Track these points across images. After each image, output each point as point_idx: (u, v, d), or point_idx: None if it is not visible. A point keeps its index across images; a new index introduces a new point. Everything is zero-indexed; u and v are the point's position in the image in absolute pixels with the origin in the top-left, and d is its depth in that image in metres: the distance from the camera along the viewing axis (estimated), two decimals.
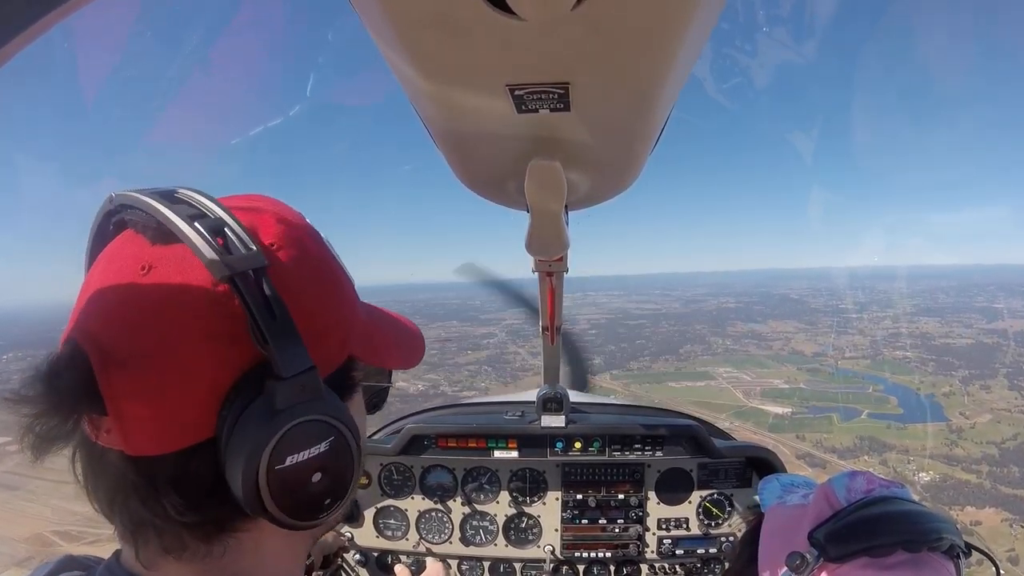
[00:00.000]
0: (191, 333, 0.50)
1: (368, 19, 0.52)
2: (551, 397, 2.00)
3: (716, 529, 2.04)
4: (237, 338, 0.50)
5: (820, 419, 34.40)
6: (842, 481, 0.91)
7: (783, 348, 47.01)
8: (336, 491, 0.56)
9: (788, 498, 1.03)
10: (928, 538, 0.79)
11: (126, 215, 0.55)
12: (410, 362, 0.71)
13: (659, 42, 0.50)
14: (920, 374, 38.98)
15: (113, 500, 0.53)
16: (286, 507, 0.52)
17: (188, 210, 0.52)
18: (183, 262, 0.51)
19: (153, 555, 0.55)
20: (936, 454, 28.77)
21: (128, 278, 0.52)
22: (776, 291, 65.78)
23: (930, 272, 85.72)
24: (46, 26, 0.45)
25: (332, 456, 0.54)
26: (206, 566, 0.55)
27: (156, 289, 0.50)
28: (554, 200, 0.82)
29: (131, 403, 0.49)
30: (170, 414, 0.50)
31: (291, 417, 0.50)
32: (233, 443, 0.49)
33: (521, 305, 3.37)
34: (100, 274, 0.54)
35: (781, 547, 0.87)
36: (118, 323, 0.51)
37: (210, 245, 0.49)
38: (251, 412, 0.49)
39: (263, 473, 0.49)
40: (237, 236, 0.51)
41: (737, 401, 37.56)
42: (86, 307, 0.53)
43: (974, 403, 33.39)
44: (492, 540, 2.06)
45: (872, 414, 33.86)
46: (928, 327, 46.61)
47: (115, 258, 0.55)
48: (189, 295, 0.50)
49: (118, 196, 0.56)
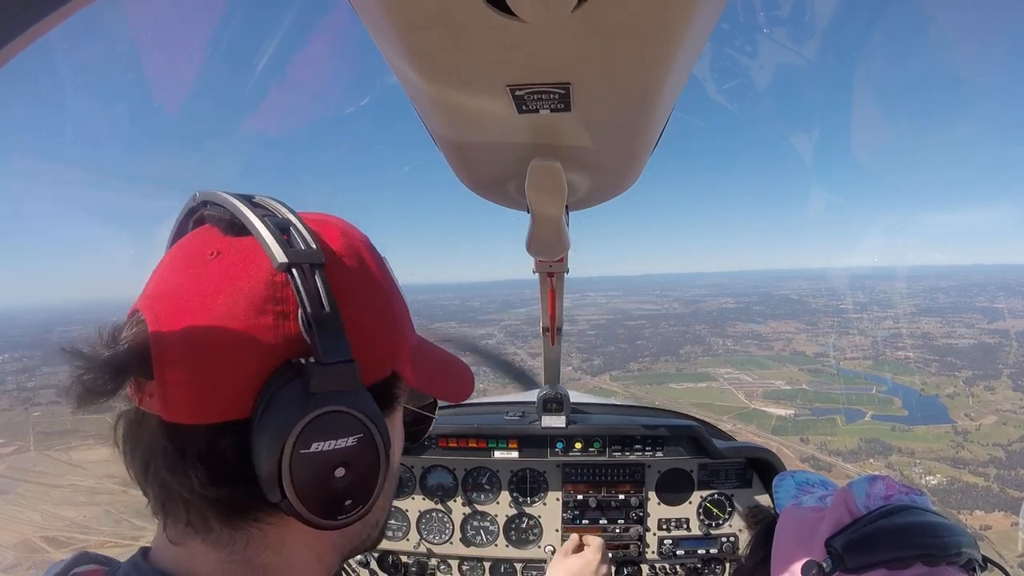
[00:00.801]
0: (244, 314, 0.52)
1: (368, 20, 0.52)
2: (552, 397, 2.00)
3: (717, 529, 2.04)
4: (286, 327, 0.53)
5: (824, 421, 34.05)
6: (862, 487, 0.89)
7: (784, 349, 46.75)
8: (358, 494, 0.56)
9: (804, 499, 1.02)
10: (948, 552, 0.78)
11: (205, 211, 0.61)
12: (455, 396, 0.72)
13: (659, 42, 0.50)
14: (923, 375, 38.67)
15: (147, 466, 0.55)
16: (305, 496, 0.52)
17: (261, 210, 0.57)
18: (249, 252, 0.55)
19: (181, 532, 0.56)
20: (942, 456, 28.21)
21: (196, 260, 0.56)
22: (776, 292, 65.63)
23: (930, 272, 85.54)
24: (47, 27, 0.46)
25: (358, 454, 0.54)
26: (230, 554, 0.56)
27: (219, 271, 0.54)
28: (555, 201, 0.82)
29: (176, 370, 0.51)
30: (211, 386, 0.52)
31: (323, 402, 0.51)
32: (264, 421, 0.51)
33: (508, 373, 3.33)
34: (171, 257, 0.59)
35: (797, 551, 0.86)
36: (178, 296, 0.54)
37: (275, 238, 0.53)
38: (286, 392, 0.51)
39: (287, 453, 0.50)
40: (301, 235, 0.55)
41: (739, 403, 37.19)
42: (153, 282, 0.58)
43: (979, 404, 33.02)
44: (493, 540, 2.06)
45: (876, 415, 33.48)
46: (929, 327, 46.41)
47: (187, 244, 0.59)
48: (248, 280, 0.53)
49: (202, 193, 0.61)
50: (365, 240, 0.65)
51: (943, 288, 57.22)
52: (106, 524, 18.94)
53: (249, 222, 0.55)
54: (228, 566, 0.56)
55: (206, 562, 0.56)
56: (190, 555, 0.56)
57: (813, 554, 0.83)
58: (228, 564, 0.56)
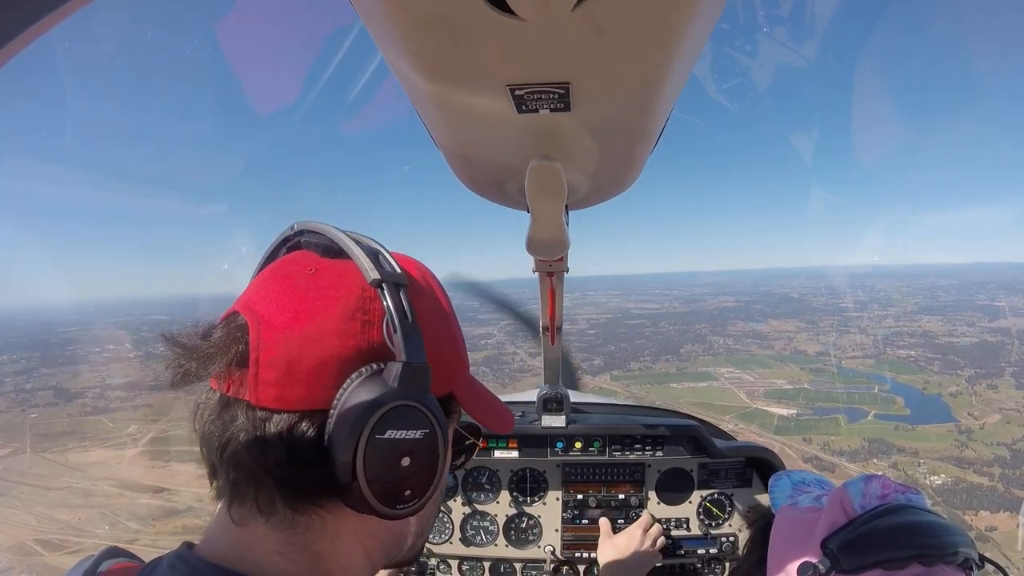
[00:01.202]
0: (335, 319, 0.60)
1: (369, 20, 0.52)
2: (552, 397, 2.00)
3: (717, 529, 2.04)
4: (370, 333, 0.61)
5: (826, 420, 33.77)
6: (857, 487, 0.89)
7: (785, 348, 46.47)
8: (416, 485, 0.61)
9: (800, 499, 1.02)
10: (944, 552, 0.78)
11: (301, 239, 0.69)
12: (497, 426, 0.77)
13: (659, 42, 0.50)
14: (926, 374, 38.37)
15: (225, 447, 0.59)
16: (373, 478, 0.57)
17: (355, 238, 0.66)
18: (343, 270, 0.63)
19: (246, 513, 0.60)
20: (946, 456, 27.86)
21: (294, 275, 0.64)
22: (776, 290, 65.48)
23: (930, 271, 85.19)
24: (46, 26, 0.46)
25: (424, 447, 0.60)
26: (289, 537, 0.60)
27: (317, 283, 0.62)
28: (554, 200, 0.82)
29: (269, 360, 0.58)
30: (300, 379, 0.58)
31: (402, 396, 0.58)
32: (346, 409, 0.57)
33: (507, 312, 3.32)
34: (269, 272, 0.66)
35: (792, 552, 0.86)
36: (278, 302, 0.61)
37: (368, 259, 0.62)
38: (368, 382, 0.58)
39: (365, 436, 0.56)
40: (388, 261, 0.64)
41: (741, 402, 36.90)
42: (253, 290, 0.64)
43: (982, 403, 32.75)
44: (492, 540, 2.06)
45: (879, 415, 33.12)
46: (931, 326, 46.17)
47: (286, 263, 0.67)
48: (342, 292, 0.61)
49: (300, 224, 0.70)
50: (436, 278, 0.75)
51: (944, 287, 57.04)
52: (101, 527, 18.96)
53: (346, 245, 0.64)
54: (286, 548, 0.60)
55: (264, 543, 0.60)
56: (249, 537, 0.60)
57: (809, 555, 0.83)
58: (286, 547, 0.60)
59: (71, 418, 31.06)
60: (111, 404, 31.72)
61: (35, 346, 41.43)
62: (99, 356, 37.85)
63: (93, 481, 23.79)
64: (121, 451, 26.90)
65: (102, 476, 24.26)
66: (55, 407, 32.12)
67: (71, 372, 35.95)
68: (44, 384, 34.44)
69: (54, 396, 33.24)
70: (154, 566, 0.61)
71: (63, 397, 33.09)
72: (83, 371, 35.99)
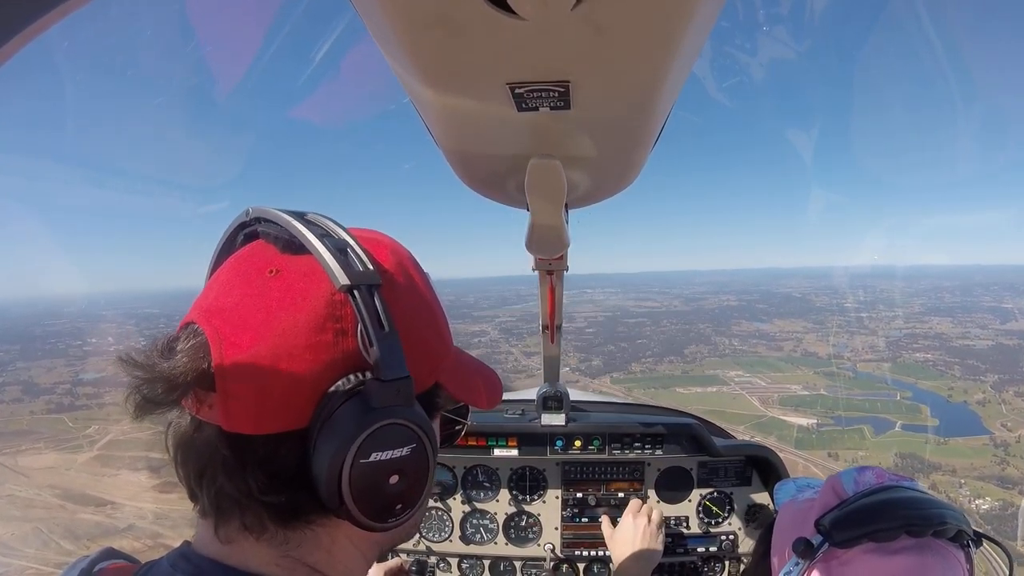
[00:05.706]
0: (305, 331, 0.55)
1: (369, 19, 0.53)
2: (551, 395, 2.00)
3: (716, 527, 2.04)
4: (344, 343, 0.56)
5: (850, 432, 31.29)
6: (850, 475, 0.92)
7: (795, 349, 44.81)
8: (408, 498, 0.59)
9: (800, 496, 1.06)
10: (931, 522, 0.80)
11: (259, 227, 0.62)
12: (488, 403, 0.75)
13: (659, 41, 0.50)
14: (947, 379, 36.20)
15: (203, 473, 0.56)
16: (362, 502, 0.55)
17: (318, 229, 0.58)
18: (309, 271, 0.57)
19: (234, 532, 0.58)
20: (986, 474, 24.90)
21: (256, 277, 0.58)
22: (777, 289, 64.77)
23: (930, 272, 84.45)
24: (46, 25, 0.46)
25: (411, 462, 0.57)
26: (282, 552, 0.58)
27: (280, 289, 0.56)
28: (554, 198, 0.82)
29: (238, 384, 0.53)
30: (272, 400, 0.54)
31: (384, 416, 0.54)
32: (325, 433, 0.53)
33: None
34: (228, 272, 0.60)
35: (791, 538, 0.89)
36: (239, 313, 0.55)
37: (335, 259, 0.55)
38: (348, 406, 0.54)
39: (348, 463, 0.53)
40: (357, 256, 0.57)
41: (754, 410, 34.62)
42: (210, 297, 0.59)
43: (1014, 413, 30.14)
44: (492, 538, 2.06)
45: (906, 425, 30.74)
46: (942, 327, 44.85)
47: (245, 260, 0.61)
48: (309, 298, 0.56)
49: (255, 210, 0.63)
50: (412, 257, 0.68)
51: (947, 288, 56.28)
52: (32, 545, 17.99)
53: (308, 242, 0.57)
54: (282, 560, 0.59)
55: (258, 557, 0.58)
56: (242, 550, 0.58)
57: (805, 536, 0.87)
58: (281, 559, 0.59)
59: (32, 416, 29.56)
60: (77, 401, 30.33)
61: (17, 338, 39.46)
62: (79, 350, 36.25)
63: (37, 490, 22.52)
64: (75, 455, 25.68)
65: (48, 483, 22.90)
66: (19, 403, 30.78)
67: (46, 366, 34.42)
68: (15, 379, 32.96)
69: (22, 392, 31.85)
70: (153, 565, 0.61)
71: (30, 393, 31.69)
72: (58, 365, 34.47)
